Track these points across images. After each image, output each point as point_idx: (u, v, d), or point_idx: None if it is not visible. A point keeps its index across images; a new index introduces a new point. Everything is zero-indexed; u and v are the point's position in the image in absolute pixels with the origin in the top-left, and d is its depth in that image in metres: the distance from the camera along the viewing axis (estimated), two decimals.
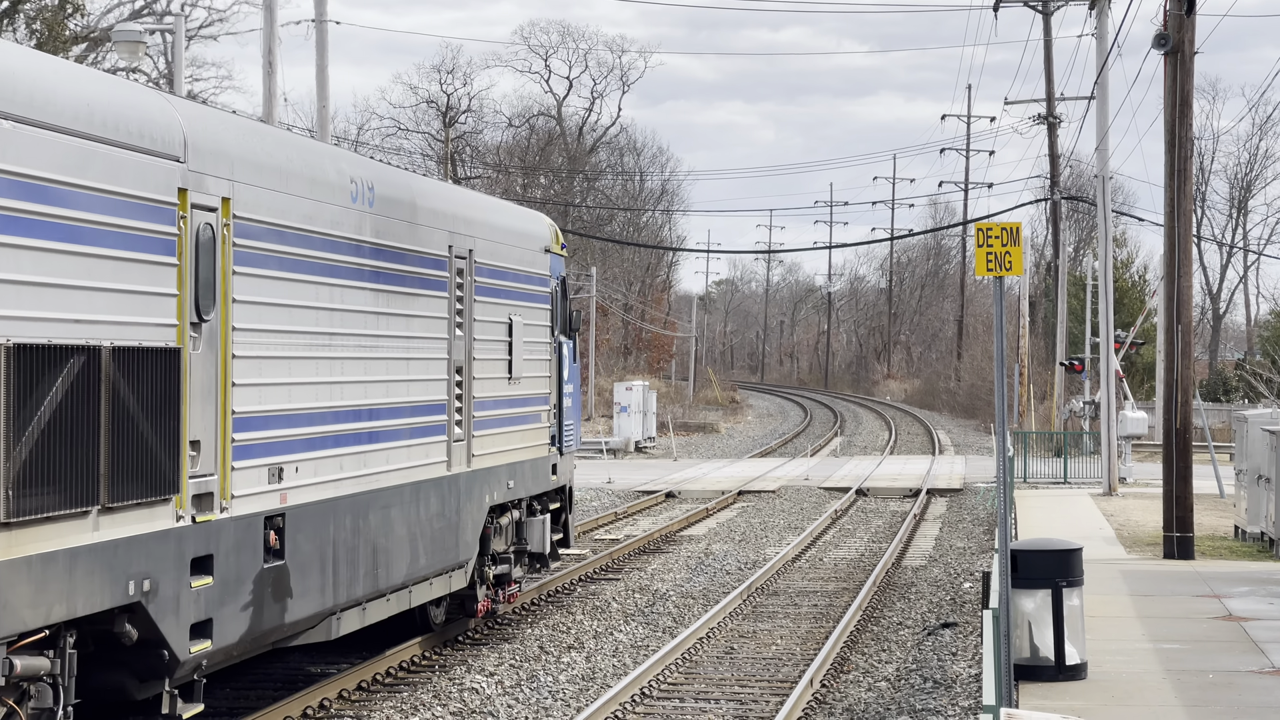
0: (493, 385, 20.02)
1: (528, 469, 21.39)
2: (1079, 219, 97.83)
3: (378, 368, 16.50)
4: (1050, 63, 70.47)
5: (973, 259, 17.77)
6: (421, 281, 17.76)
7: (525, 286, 21.39)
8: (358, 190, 16.15)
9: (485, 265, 19.74)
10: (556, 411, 22.87)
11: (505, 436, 20.45)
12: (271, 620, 14.16)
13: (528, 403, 21.40)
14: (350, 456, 15.80)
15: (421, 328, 17.72)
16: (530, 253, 21.68)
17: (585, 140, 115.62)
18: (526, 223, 22.17)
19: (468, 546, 19.10)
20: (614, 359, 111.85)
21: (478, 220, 19.77)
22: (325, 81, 35.46)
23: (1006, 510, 15.24)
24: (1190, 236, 26.99)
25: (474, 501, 19.26)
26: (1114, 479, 40.95)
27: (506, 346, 20.54)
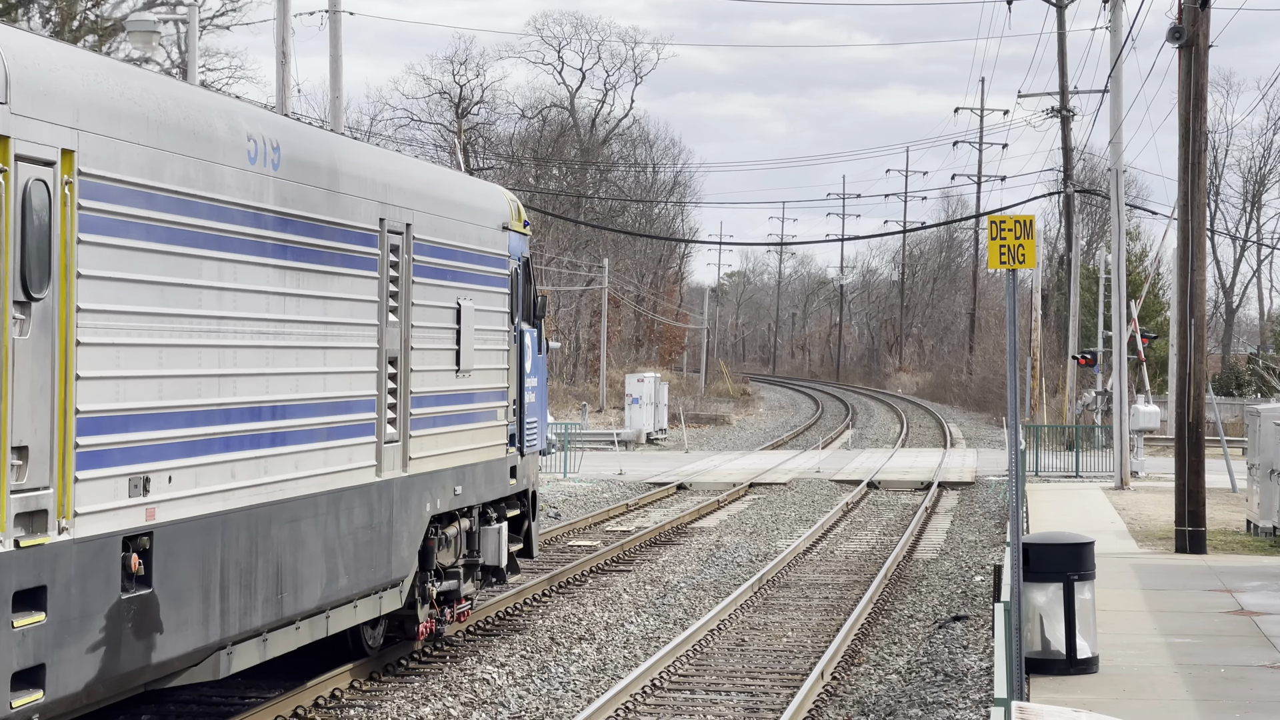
0: (436, 378, 17.55)
1: (480, 472, 18.96)
2: (1092, 212, 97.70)
3: (284, 358, 14.18)
4: (1064, 56, 70.39)
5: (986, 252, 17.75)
6: (344, 259, 15.32)
7: (478, 268, 18.89)
8: (258, 150, 13.78)
9: (427, 242, 17.25)
10: (517, 408, 20.39)
11: (451, 436, 18.03)
12: (133, 661, 11.89)
13: (480, 398, 18.95)
14: (246, 462, 13.48)
15: (343, 312, 15.31)
16: (484, 230, 19.17)
17: (598, 132, 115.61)
18: (480, 196, 19.66)
19: (403, 562, 16.71)
20: (626, 351, 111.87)
21: (418, 191, 17.26)
22: (339, 72, 35.46)
23: (1018, 504, 15.23)
24: (1204, 230, 26.95)
25: (411, 510, 16.85)
26: (1126, 473, 40.91)
27: (453, 335, 18.05)
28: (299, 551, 14.36)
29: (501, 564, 19.62)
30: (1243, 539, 28.55)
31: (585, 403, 78.24)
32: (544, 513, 36.81)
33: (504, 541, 19.62)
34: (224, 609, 13.12)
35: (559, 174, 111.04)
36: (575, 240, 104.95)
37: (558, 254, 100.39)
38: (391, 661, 18.10)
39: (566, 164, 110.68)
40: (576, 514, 36.75)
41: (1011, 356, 14.70)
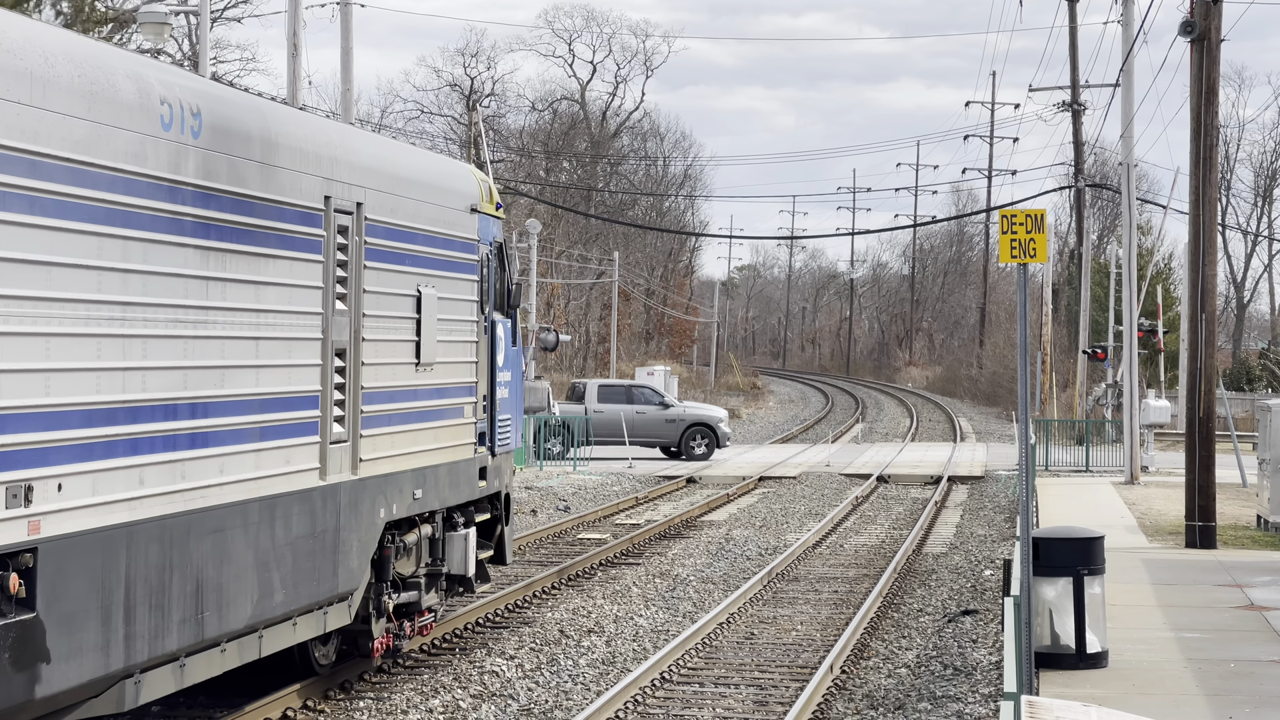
0: (392, 372, 16.02)
1: (444, 474, 17.37)
2: (1103, 206, 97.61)
3: (207, 349, 12.65)
4: (1075, 49, 70.30)
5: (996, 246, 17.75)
6: (281, 240, 13.77)
7: (442, 252, 17.30)
8: (173, 115, 12.21)
9: (381, 223, 15.72)
10: (487, 404, 18.78)
11: (410, 435, 16.47)
12: (12, 695, 10.48)
13: (444, 394, 17.35)
14: (158, 467, 11.96)
15: (280, 299, 13.77)
16: (450, 211, 17.56)
17: (609, 125, 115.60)
18: (445, 175, 18.01)
19: (352, 573, 15.19)
20: (636, 344, 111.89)
21: (371, 167, 15.69)
22: (350, 64, 35.48)
23: (1028, 498, 15.22)
24: (1215, 225, 26.92)
25: (362, 517, 15.31)
26: (1136, 468, 40.88)
27: (413, 325, 16.47)
28: (225, 565, 12.87)
29: (468, 573, 18.10)
30: (1253, 534, 28.53)
31: None
32: (556, 506, 36.84)
33: (471, 548, 18.10)
34: (130, 633, 11.58)
35: (569, 167, 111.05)
36: (585, 234, 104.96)
37: (568, 247, 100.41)
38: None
39: (577, 157, 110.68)
40: (586, 507, 36.77)
41: (1022, 351, 14.69)
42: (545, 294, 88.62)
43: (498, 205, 19.37)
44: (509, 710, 16.09)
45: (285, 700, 15.50)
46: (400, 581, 16.87)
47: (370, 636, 16.32)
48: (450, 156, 26.53)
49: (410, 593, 17.09)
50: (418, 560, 17.20)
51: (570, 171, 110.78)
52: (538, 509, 36.08)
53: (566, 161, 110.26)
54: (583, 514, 34.33)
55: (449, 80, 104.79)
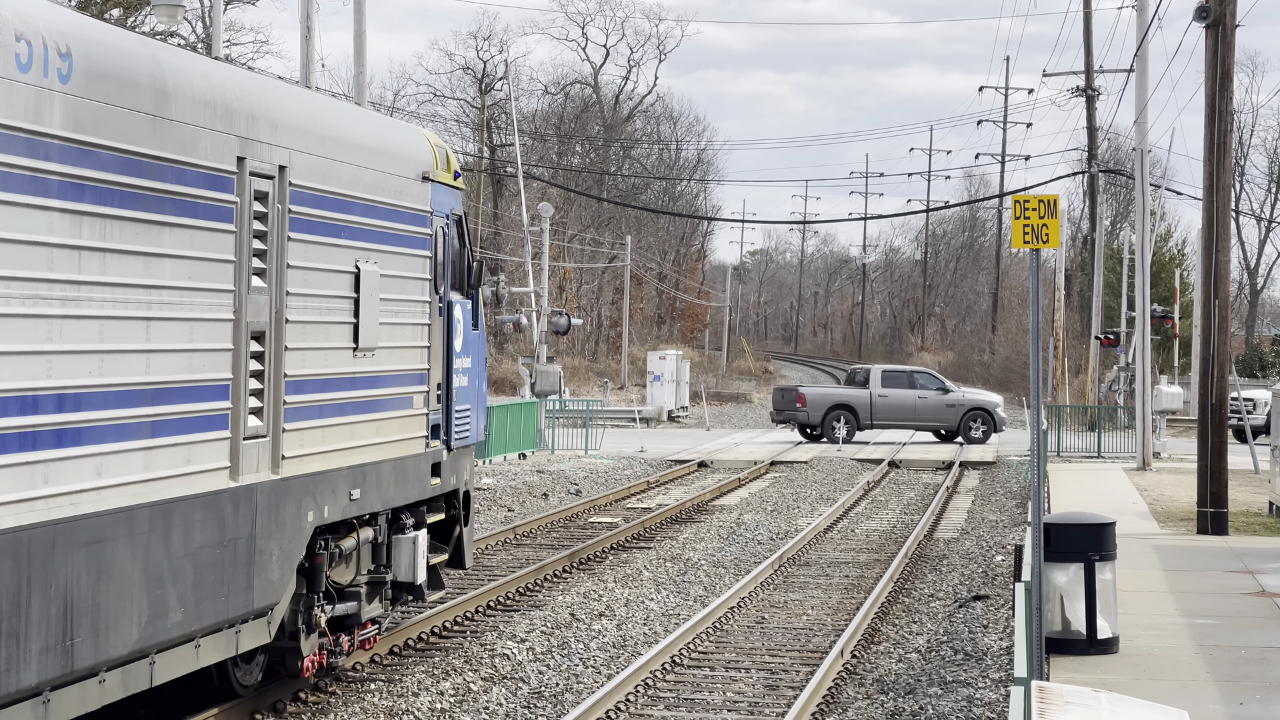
0: (323, 358, 14.29)
1: (388, 472, 15.69)
2: (1116, 192, 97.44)
3: (80, 331, 10.89)
4: (1089, 34, 70.16)
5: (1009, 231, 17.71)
6: (179, 206, 11.96)
7: (387, 224, 15.55)
8: (34, 54, 10.42)
9: (311, 190, 14.01)
10: (442, 394, 17.11)
11: (346, 429, 14.76)
12: None
13: (388, 382, 15.63)
14: (11, 469, 10.23)
15: (178, 274, 11.96)
16: (397, 178, 15.84)
17: (621, 109, 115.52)
18: (391, 138, 16.27)
19: (272, 586, 13.50)
20: (648, 328, 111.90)
21: (299, 126, 13.92)
22: (363, 47, 35.46)
23: (1040, 483, 15.21)
24: (1229, 211, 26.86)
25: (285, 521, 13.65)
26: (1148, 454, 40.84)
27: (350, 305, 14.75)
28: (103, 583, 11.09)
29: (417, 580, 16.43)
30: (1265, 520, 28.49)
31: (607, 380, 78.29)
32: (568, 490, 36.87)
33: (421, 553, 16.47)
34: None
35: (582, 151, 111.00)
36: (598, 217, 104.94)
37: (580, 231, 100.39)
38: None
39: (589, 141, 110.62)
40: (597, 491, 36.80)
41: (1034, 336, 14.67)
42: (557, 278, 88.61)
43: (456, 174, 17.59)
44: (520, 693, 16.12)
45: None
46: (336, 591, 15.20)
47: (299, 654, 14.58)
48: (458, 138, 25.66)
49: (348, 603, 15.38)
50: (357, 567, 15.54)
51: (583, 155, 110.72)
52: (549, 492, 36.12)
53: (579, 145, 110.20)
54: (594, 498, 34.36)
55: (462, 63, 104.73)
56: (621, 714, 15.35)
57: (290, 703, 15.22)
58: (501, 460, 42.76)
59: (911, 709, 15.72)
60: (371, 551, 15.83)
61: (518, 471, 40.08)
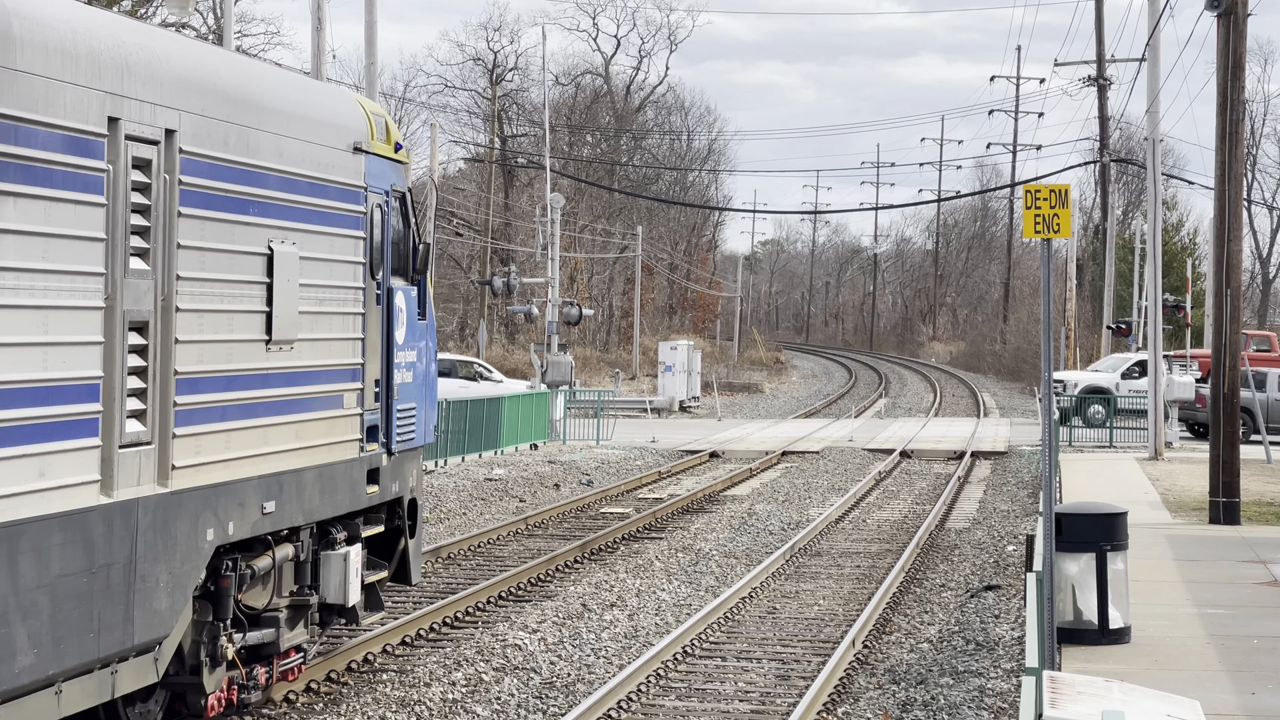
0: (226, 352, 12.57)
1: (312, 481, 13.97)
2: (1128, 181, 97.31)
3: None
4: (1101, 24, 70.07)
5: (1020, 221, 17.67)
6: (24, 173, 10.18)
7: (308, 200, 13.82)
8: None
9: (208, 159, 12.23)
10: (381, 391, 15.41)
11: (257, 433, 13.04)
12: None
13: (311, 379, 13.90)
14: None
15: (26, 253, 10.20)
16: (321, 148, 14.08)
17: (633, 99, 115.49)
18: (314, 102, 14.37)
19: (159, 617, 11.68)
20: (659, 318, 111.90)
21: (192, 83, 12.07)
22: (374, 38, 35.47)
23: (1051, 473, 15.21)
24: (1241, 200, 26.82)
25: (177, 541, 11.86)
26: (1160, 443, 40.79)
27: (261, 291, 13.03)
28: None
29: (348, 601, 14.75)
30: (1278, 510, 28.45)
31: (618, 370, 78.30)
32: (579, 480, 36.90)
33: (353, 571, 14.80)
34: None
35: (593, 141, 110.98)
36: (609, 208, 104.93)
37: (591, 221, 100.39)
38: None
39: (600, 131, 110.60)
40: (609, 481, 36.82)
41: (1046, 326, 14.66)
42: (568, 268, 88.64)
43: (397, 146, 15.87)
44: (531, 683, 16.14)
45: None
46: (250, 617, 13.58)
47: (202, 690, 12.84)
48: (469, 129, 24.05)
49: (263, 630, 13.73)
50: (276, 589, 13.90)
51: (594, 146, 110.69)
52: (561, 483, 36.14)
53: (590, 136, 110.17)
54: (605, 488, 34.38)
55: (472, 54, 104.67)
56: (634, 704, 15.37)
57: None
58: (513, 451, 42.79)
59: (923, 699, 15.73)
60: (294, 571, 14.23)
61: (529, 462, 40.12)
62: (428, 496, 31.66)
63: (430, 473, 35.89)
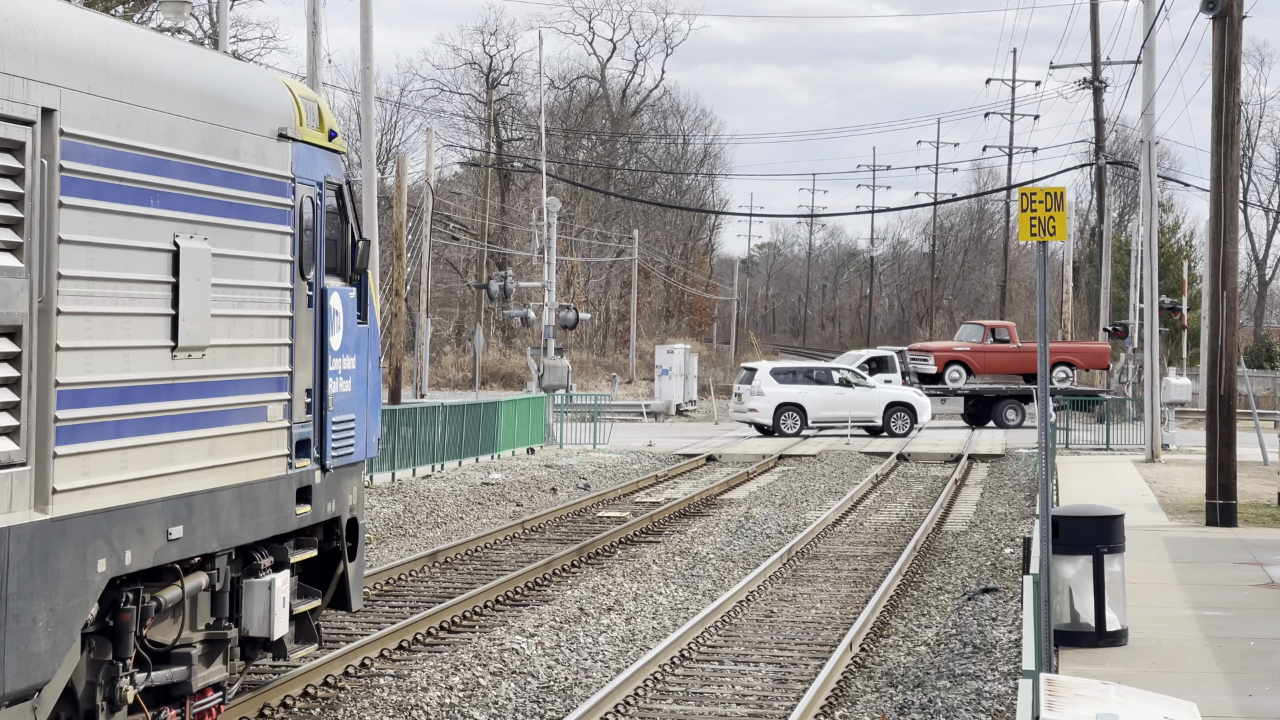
0: (123, 361, 11.26)
1: (229, 502, 12.68)
2: (1124, 184, 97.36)
3: None
4: (1096, 26, 70.14)
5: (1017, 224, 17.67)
6: None
7: (223, 191, 12.53)
8: None
9: (96, 143, 10.92)
10: (315, 402, 14.17)
11: (160, 450, 11.71)
12: None
13: (228, 389, 12.64)
14: None
15: None
16: (240, 134, 12.82)
17: (629, 103, 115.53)
18: (231, 82, 12.96)
19: (38, 660, 10.36)
20: (656, 322, 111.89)
21: (73, 57, 10.71)
22: (369, 42, 35.48)
23: (1048, 476, 15.21)
24: (1236, 202, 26.83)
25: (56, 574, 10.53)
26: (1157, 446, 40.81)
27: (166, 292, 11.71)
28: None
29: (272, 634, 13.45)
30: (1274, 512, 28.46)
31: (615, 374, 78.28)
32: (576, 484, 36.89)
33: (279, 600, 13.50)
34: None
35: (589, 145, 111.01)
36: (605, 212, 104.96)
37: (587, 225, 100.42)
38: None
39: (596, 135, 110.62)
40: (606, 485, 36.81)
41: (1042, 328, 14.66)
42: (565, 272, 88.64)
43: (331, 134, 14.62)
44: (529, 687, 16.13)
45: None
46: (157, 655, 12.33)
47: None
48: (465, 134, 23.39)
49: (173, 669, 12.42)
50: (189, 622, 12.72)
51: (590, 149, 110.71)
52: (558, 487, 36.14)
53: (586, 139, 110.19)
54: (602, 492, 34.37)
55: (468, 58, 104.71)
56: (631, 708, 15.36)
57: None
58: (510, 455, 42.77)
59: (920, 702, 15.72)
60: (210, 601, 12.99)
61: (526, 466, 40.10)
62: (426, 502, 31.66)
63: (427, 477, 35.88)
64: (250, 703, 14.51)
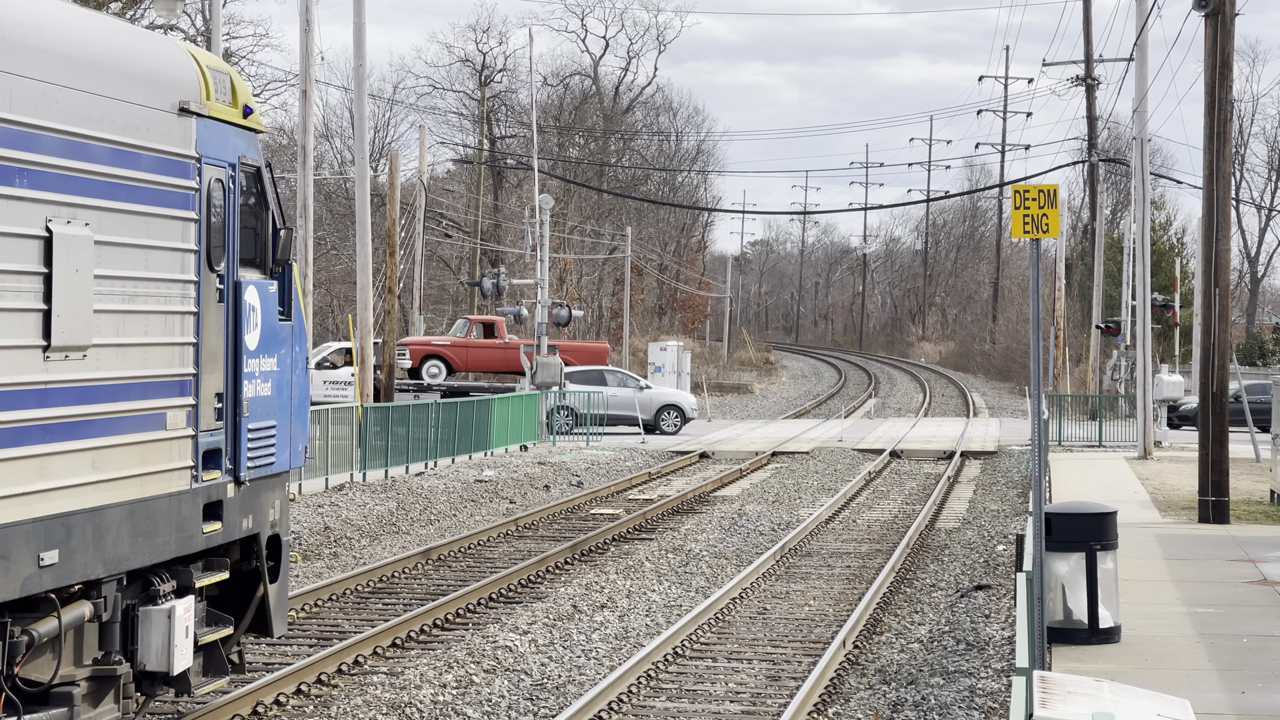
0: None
1: (118, 521, 11.27)
2: (1116, 181, 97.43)
3: None
4: (1089, 23, 70.18)
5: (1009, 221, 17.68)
6: None
7: (108, 171, 11.12)
8: None
9: None
10: (226, 406, 12.79)
11: (30, 464, 10.40)
12: None
13: (116, 393, 11.24)
14: None
15: None
16: (130, 107, 11.37)
17: (621, 100, 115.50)
18: (118, 47, 11.48)
19: None
20: (648, 319, 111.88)
21: None
22: (362, 40, 35.46)
23: (1041, 473, 15.22)
24: (1229, 199, 26.86)
25: None
26: (1149, 443, 40.85)
27: (37, 285, 10.42)
28: None
29: (172, 668, 12.01)
30: (1266, 509, 28.50)
31: None
32: (569, 481, 36.88)
33: (180, 629, 12.08)
34: None
35: (582, 142, 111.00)
36: (598, 209, 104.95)
37: (580, 222, 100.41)
38: None
39: (589, 132, 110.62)
40: (598, 482, 36.82)
41: (1035, 325, 14.67)
42: (558, 269, 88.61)
43: (247, 110, 13.21)
44: (522, 685, 16.13)
45: None
46: (32, 695, 11.04)
47: None
48: (458, 131, 22.94)
49: (51, 710, 11.13)
50: (71, 657, 11.41)
51: (583, 147, 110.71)
52: (551, 484, 36.14)
53: (579, 137, 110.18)
54: (595, 489, 34.37)
55: (461, 56, 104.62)
56: (624, 705, 15.37)
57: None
58: (503, 452, 42.77)
59: (914, 699, 15.73)
60: (98, 633, 11.57)
61: (519, 463, 40.10)
62: (418, 499, 31.65)
63: (420, 475, 35.88)
64: (244, 700, 14.51)
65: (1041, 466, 15.22)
